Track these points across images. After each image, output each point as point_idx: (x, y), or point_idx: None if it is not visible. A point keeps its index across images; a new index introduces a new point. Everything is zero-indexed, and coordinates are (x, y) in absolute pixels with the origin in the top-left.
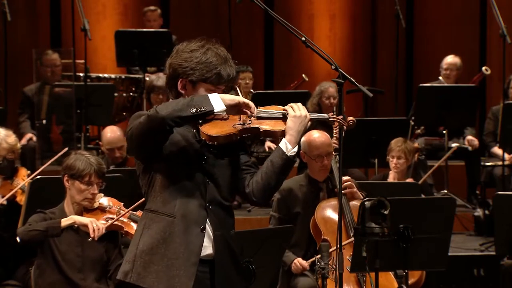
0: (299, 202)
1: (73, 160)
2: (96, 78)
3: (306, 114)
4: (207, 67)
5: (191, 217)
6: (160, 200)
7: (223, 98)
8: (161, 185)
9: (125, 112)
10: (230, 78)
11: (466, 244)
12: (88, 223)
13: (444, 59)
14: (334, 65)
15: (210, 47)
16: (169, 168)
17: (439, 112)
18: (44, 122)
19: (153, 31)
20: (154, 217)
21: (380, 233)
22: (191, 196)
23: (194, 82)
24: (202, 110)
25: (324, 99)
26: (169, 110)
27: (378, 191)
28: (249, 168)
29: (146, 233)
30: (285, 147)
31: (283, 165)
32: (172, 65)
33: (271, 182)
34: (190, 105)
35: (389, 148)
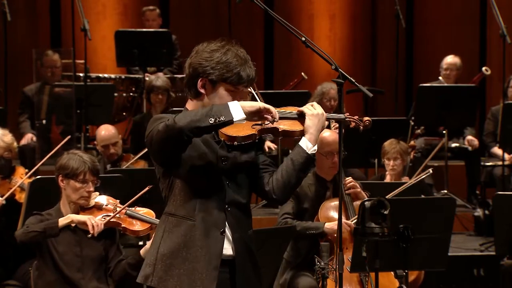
0: (308, 199)
1: (66, 160)
2: (96, 78)
3: (323, 112)
4: (227, 67)
5: (211, 220)
6: (180, 204)
7: (243, 105)
8: (180, 188)
9: (125, 112)
10: (250, 78)
11: (466, 244)
12: (87, 220)
13: (444, 59)
14: (334, 65)
15: (231, 47)
16: (188, 172)
17: (439, 112)
18: (44, 122)
19: (153, 31)
20: (175, 221)
21: (380, 233)
22: (211, 199)
23: (214, 82)
24: (221, 120)
25: (325, 101)
26: (187, 121)
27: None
28: (268, 167)
29: (167, 237)
30: (305, 145)
31: (304, 163)
32: (192, 64)
33: (292, 180)
34: (208, 115)
35: (383, 151)
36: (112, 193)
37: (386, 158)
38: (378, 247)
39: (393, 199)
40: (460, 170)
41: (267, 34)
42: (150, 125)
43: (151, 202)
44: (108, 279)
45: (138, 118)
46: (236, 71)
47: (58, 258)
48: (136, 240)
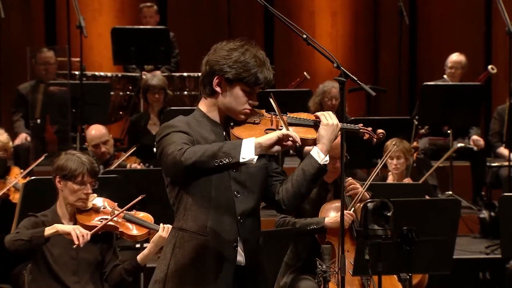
0: (309, 201)
1: (64, 160)
2: (92, 77)
3: (338, 123)
4: (245, 66)
5: (224, 235)
6: (191, 219)
7: (259, 142)
8: (191, 202)
9: (121, 111)
10: (267, 81)
11: (471, 247)
12: (71, 231)
13: (449, 57)
14: (336, 63)
15: (249, 48)
16: (200, 184)
17: (444, 112)
18: (38, 121)
19: (151, 28)
20: (186, 236)
21: (383, 236)
22: (223, 212)
23: (231, 81)
24: (226, 163)
25: (326, 100)
26: (192, 161)
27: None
28: (279, 175)
29: (178, 252)
30: (317, 156)
31: (315, 174)
32: (209, 62)
33: (302, 190)
34: (216, 155)
35: (385, 149)
36: (108, 194)
37: (388, 157)
38: (381, 249)
39: (397, 200)
40: (465, 171)
41: (267, 32)
42: (161, 131)
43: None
44: (104, 284)
45: (135, 118)
46: (254, 72)
47: (52, 261)
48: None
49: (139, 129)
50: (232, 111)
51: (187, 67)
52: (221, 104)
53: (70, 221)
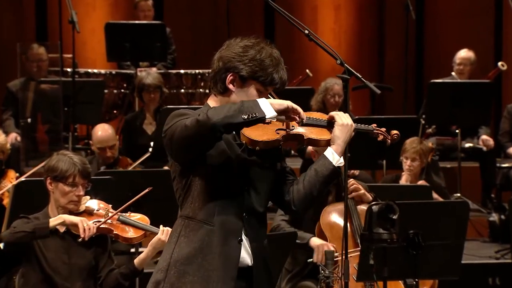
0: None
1: (55, 161)
2: (84, 74)
3: (352, 123)
4: (260, 65)
5: (229, 227)
6: (198, 207)
7: (271, 103)
8: (200, 190)
9: (116, 110)
10: (282, 81)
11: (480, 251)
12: (79, 222)
13: (457, 53)
14: (339, 59)
15: (265, 46)
16: (209, 173)
17: (452, 110)
18: (29, 120)
19: (146, 24)
20: (192, 224)
21: (389, 240)
22: (230, 204)
23: (245, 78)
24: (254, 116)
25: (329, 97)
26: (220, 117)
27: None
28: (288, 175)
29: (183, 241)
30: (332, 157)
31: (329, 176)
32: (223, 58)
33: (314, 192)
34: (241, 110)
35: (403, 148)
36: (103, 196)
37: (404, 156)
38: (386, 254)
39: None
40: (474, 172)
41: (268, 27)
42: (170, 120)
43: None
44: None
45: (130, 117)
46: (270, 71)
47: (45, 265)
48: (127, 247)
49: (134, 129)
50: None
51: (184, 64)
52: (234, 102)
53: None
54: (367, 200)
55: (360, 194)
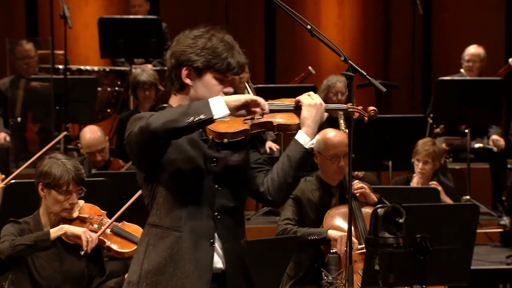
0: (312, 206)
1: (48, 167)
2: (77, 71)
3: (321, 102)
4: (213, 52)
5: (200, 231)
6: (164, 213)
7: (226, 100)
8: (165, 196)
9: (109, 108)
10: (240, 65)
11: (490, 257)
12: (81, 234)
13: (466, 49)
14: (343, 56)
15: (215, 33)
16: (172, 177)
17: (461, 109)
18: (18, 120)
19: (141, 18)
20: (159, 232)
21: (395, 244)
22: (199, 207)
23: (200, 70)
24: (200, 119)
25: (331, 95)
26: (161, 121)
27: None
28: (262, 166)
29: (152, 251)
30: (302, 139)
31: (301, 159)
32: (174, 54)
33: (288, 179)
34: (186, 113)
35: (415, 149)
36: (96, 199)
37: (416, 158)
38: (392, 259)
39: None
40: (484, 174)
41: (268, 22)
42: (129, 125)
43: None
44: None
45: (125, 116)
46: (224, 57)
47: (36, 273)
48: None
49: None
50: None
51: None
52: (194, 97)
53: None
54: (372, 201)
55: (365, 193)
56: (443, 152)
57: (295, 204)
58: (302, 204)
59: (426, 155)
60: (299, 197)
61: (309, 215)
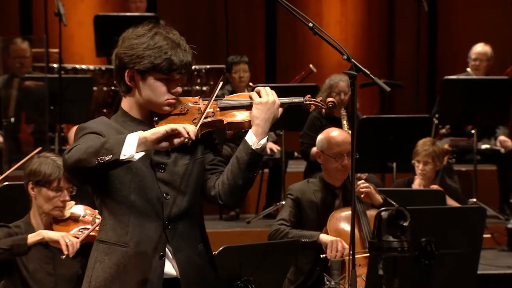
0: (313, 208)
1: (38, 165)
2: (72, 70)
3: (274, 99)
4: (155, 53)
5: (147, 244)
6: (110, 229)
7: (144, 136)
8: (110, 210)
9: (105, 108)
10: (183, 63)
11: (498, 261)
12: (60, 239)
13: (473, 48)
14: (346, 54)
15: (159, 30)
16: (116, 189)
17: (467, 109)
18: (12, 120)
19: (138, 16)
20: (106, 248)
21: (399, 248)
22: (146, 219)
23: (143, 72)
24: (107, 160)
25: (334, 95)
26: (75, 159)
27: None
28: (215, 167)
29: (99, 267)
30: (250, 140)
31: (249, 161)
32: (117, 55)
33: (238, 182)
34: (98, 152)
35: (415, 150)
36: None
37: (416, 159)
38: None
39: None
40: (491, 176)
41: (269, 20)
42: (74, 136)
43: None
44: None
45: None
46: (167, 56)
47: (28, 277)
48: None
49: None
50: (154, 104)
51: None
52: (140, 100)
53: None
54: (377, 202)
55: (371, 193)
56: (444, 152)
57: (293, 205)
58: (302, 205)
59: (426, 156)
60: (299, 198)
61: (309, 217)
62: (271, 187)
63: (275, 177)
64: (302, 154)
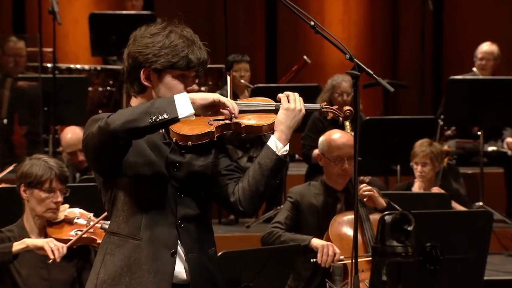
0: (314, 212)
1: (29, 166)
2: (66, 70)
3: (301, 108)
4: (172, 51)
5: (160, 240)
6: (123, 220)
7: (193, 98)
8: (124, 202)
9: (101, 109)
10: (201, 61)
11: (505, 267)
12: (44, 245)
13: (479, 46)
14: (349, 54)
15: (173, 29)
16: (132, 182)
17: (473, 110)
18: (5, 121)
19: (134, 14)
20: (117, 240)
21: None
22: (160, 214)
23: (160, 71)
24: (163, 119)
25: (336, 95)
26: (121, 121)
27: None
28: (232, 173)
29: (108, 260)
30: (274, 146)
31: (273, 167)
32: (131, 54)
33: (260, 188)
34: (148, 111)
35: (412, 152)
36: (83, 206)
37: (414, 161)
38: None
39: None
40: (498, 179)
41: (269, 18)
42: (87, 127)
43: None
44: None
45: None
46: (184, 54)
47: (21, 283)
48: None
49: None
50: None
51: None
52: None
53: (39, 235)
54: (380, 205)
55: (374, 196)
56: (442, 152)
57: (291, 209)
58: (300, 209)
59: (424, 157)
60: (298, 202)
61: (308, 221)
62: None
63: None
64: (303, 156)
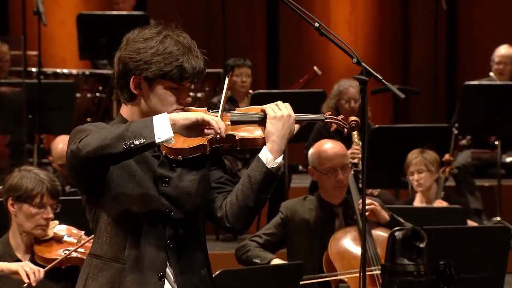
0: (306, 229)
1: (18, 179)
2: (52, 75)
3: (289, 113)
4: (165, 59)
5: (146, 262)
6: (106, 242)
7: (174, 118)
8: (107, 222)
9: (90, 117)
10: (196, 71)
11: None
12: (18, 269)
13: (496, 50)
14: (356, 58)
15: (169, 33)
16: (116, 199)
17: (490, 118)
18: None
19: (126, 15)
20: (100, 264)
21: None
22: (146, 234)
23: (151, 80)
24: (138, 144)
25: (343, 102)
26: (93, 147)
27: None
28: (223, 186)
29: (91, 284)
30: (265, 158)
31: (262, 180)
32: (121, 59)
33: (249, 203)
34: (123, 136)
35: (405, 164)
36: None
37: (409, 172)
38: None
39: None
40: None
41: (270, 19)
42: (71, 138)
43: None
44: None
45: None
46: (178, 63)
47: None
48: None
49: None
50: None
51: None
52: (145, 109)
53: (26, 253)
54: (383, 219)
55: (376, 210)
56: (436, 159)
57: (279, 226)
58: (290, 226)
59: (417, 163)
60: (288, 218)
61: (297, 240)
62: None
63: (277, 193)
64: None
